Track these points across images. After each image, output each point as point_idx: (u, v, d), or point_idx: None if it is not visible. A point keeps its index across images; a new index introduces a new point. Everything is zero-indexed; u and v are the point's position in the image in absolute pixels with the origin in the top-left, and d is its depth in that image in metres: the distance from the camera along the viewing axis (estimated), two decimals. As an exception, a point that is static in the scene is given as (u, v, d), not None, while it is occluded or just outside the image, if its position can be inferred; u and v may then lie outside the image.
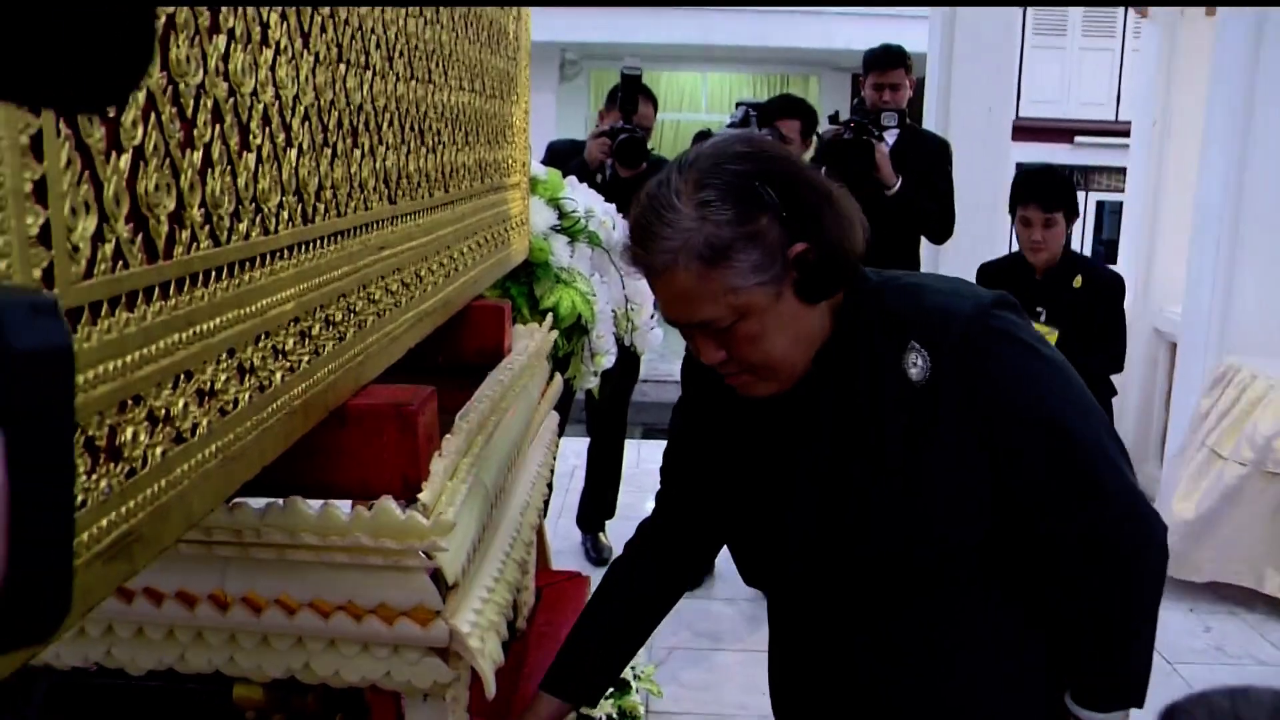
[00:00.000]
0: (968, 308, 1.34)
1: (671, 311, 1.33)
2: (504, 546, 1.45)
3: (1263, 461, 4.25)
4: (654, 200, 1.30)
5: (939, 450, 1.34)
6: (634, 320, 3.07)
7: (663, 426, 9.13)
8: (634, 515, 5.10)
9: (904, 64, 4.27)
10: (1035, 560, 1.45)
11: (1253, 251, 4.65)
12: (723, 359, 1.33)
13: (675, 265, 1.27)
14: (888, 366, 1.35)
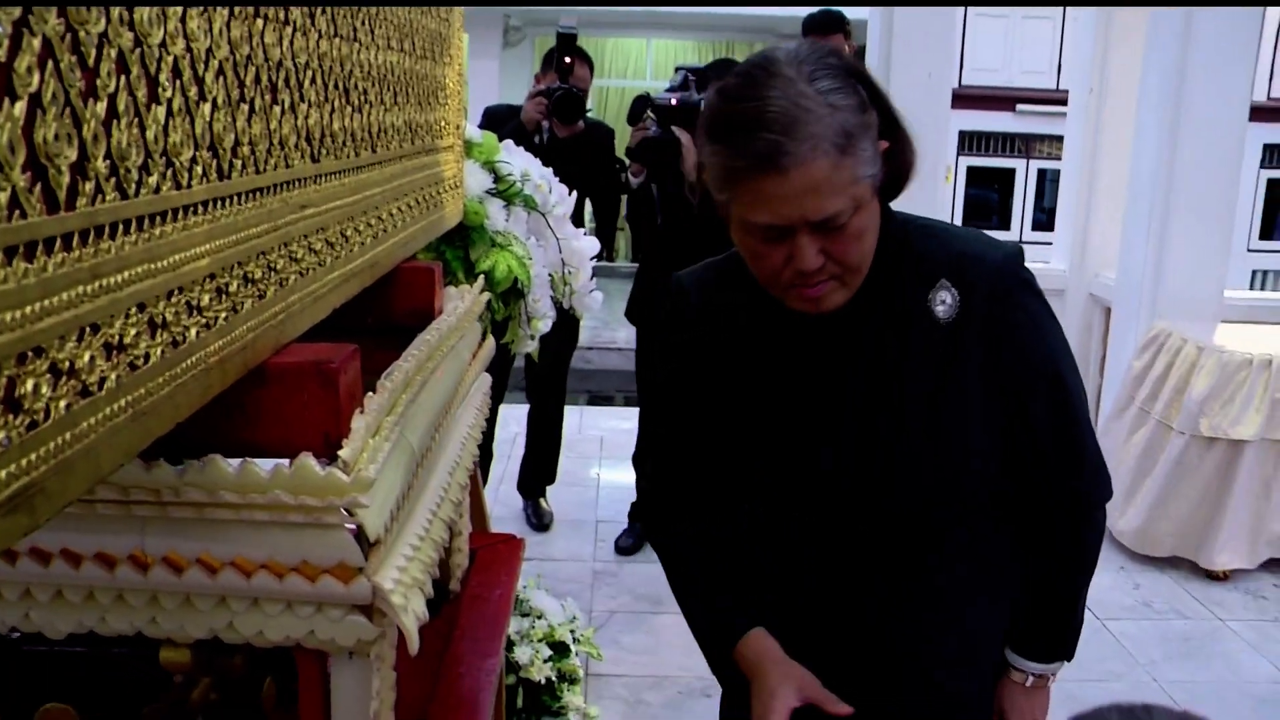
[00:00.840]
0: (999, 255, 1.42)
1: (788, 211, 1.28)
2: (430, 505, 1.45)
3: (1195, 426, 4.34)
4: (774, 87, 1.26)
5: (961, 386, 1.41)
6: (571, 283, 3.07)
7: (607, 393, 9.16)
8: (574, 481, 5.18)
9: (842, 29, 4.31)
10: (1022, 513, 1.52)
11: (1184, 218, 4.73)
12: (821, 263, 1.32)
13: (815, 154, 1.24)
14: (914, 303, 1.41)
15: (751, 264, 1.39)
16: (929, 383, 1.40)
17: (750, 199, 1.30)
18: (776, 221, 1.29)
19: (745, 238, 1.36)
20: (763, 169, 1.25)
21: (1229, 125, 4.69)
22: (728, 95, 1.31)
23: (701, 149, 1.37)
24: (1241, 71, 4.70)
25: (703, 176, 1.39)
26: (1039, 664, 1.60)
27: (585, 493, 5.13)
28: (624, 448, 4.81)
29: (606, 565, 4.34)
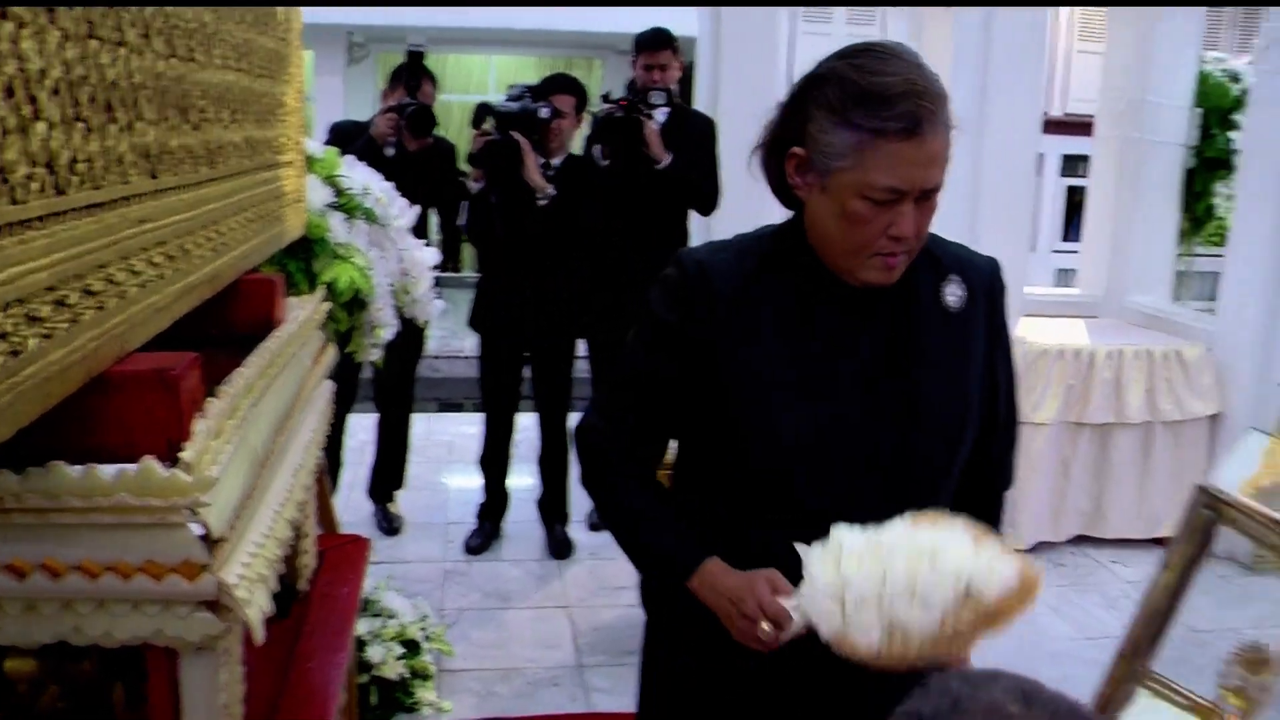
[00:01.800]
0: (991, 263, 1.64)
1: (915, 177, 1.40)
2: (274, 505, 1.47)
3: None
4: (916, 63, 1.42)
5: (969, 365, 1.58)
6: (412, 292, 3.09)
7: (457, 401, 9.06)
8: (423, 485, 5.17)
9: (671, 45, 4.42)
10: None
11: (989, 222, 4.97)
12: (916, 231, 1.44)
13: (945, 129, 1.41)
14: (927, 293, 1.56)
15: (846, 232, 1.46)
16: (945, 364, 1.56)
17: (883, 162, 1.40)
18: (901, 185, 1.40)
19: (855, 203, 1.43)
20: (909, 133, 1.38)
21: (1024, 138, 4.97)
22: (867, 69, 1.42)
23: (821, 120, 1.45)
24: (1033, 90, 4.99)
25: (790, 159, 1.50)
26: None
27: (434, 496, 5.13)
28: (471, 452, 4.84)
29: (456, 565, 4.36)
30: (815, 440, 1.52)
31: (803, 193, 1.51)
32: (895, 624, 1.27)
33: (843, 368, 1.53)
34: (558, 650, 3.72)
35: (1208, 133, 5.80)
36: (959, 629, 1.27)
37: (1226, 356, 4.83)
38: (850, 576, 1.29)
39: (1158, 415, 4.77)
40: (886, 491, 1.53)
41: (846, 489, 1.53)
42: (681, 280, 1.58)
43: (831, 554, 1.33)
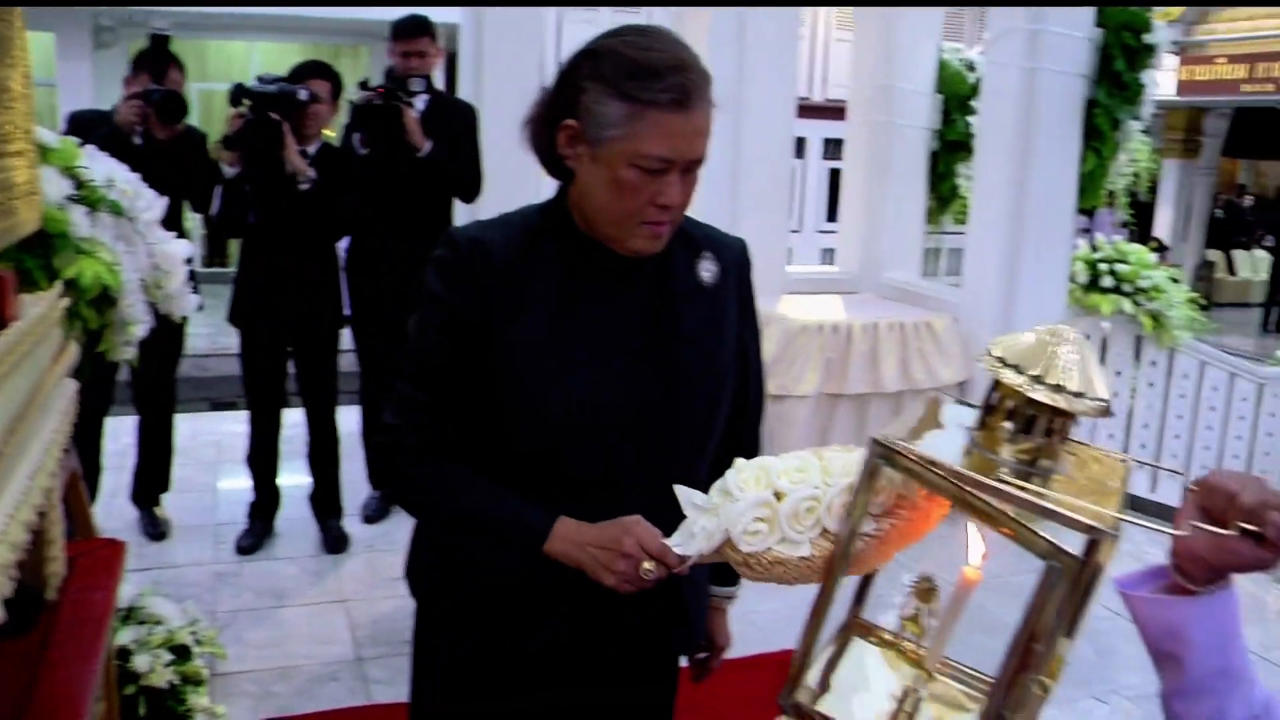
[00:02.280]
0: (740, 243, 1.76)
1: (684, 148, 1.49)
2: (7, 509, 1.41)
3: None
4: (681, 42, 1.52)
5: (723, 335, 1.68)
6: (165, 287, 2.98)
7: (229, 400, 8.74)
8: (191, 487, 4.99)
9: (429, 33, 4.40)
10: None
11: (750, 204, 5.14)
12: (681, 200, 1.53)
13: (709, 103, 1.50)
14: (683, 269, 1.65)
15: (616, 200, 1.52)
16: (702, 335, 1.65)
17: (652, 133, 1.47)
18: (669, 154, 1.48)
19: (625, 171, 1.49)
20: (678, 104, 1.46)
21: (780, 121, 5.15)
22: (638, 45, 1.49)
23: (595, 92, 1.50)
24: (787, 77, 5.18)
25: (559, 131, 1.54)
26: (729, 588, 1.87)
27: (203, 498, 4.95)
28: (241, 451, 4.69)
29: (228, 567, 4.23)
30: (582, 412, 1.56)
31: (574, 163, 1.56)
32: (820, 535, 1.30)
33: (607, 340, 1.60)
34: (335, 645, 3.66)
35: (949, 117, 6.15)
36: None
37: (971, 326, 5.16)
38: (787, 489, 1.32)
39: (911, 384, 5.04)
40: (651, 458, 1.60)
41: (613, 458, 1.59)
42: (456, 258, 1.59)
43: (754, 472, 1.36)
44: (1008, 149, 4.98)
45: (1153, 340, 5.97)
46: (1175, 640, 1.12)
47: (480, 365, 1.58)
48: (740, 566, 1.34)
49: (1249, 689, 1.13)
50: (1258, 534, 1.03)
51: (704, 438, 1.68)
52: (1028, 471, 1.10)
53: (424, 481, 1.64)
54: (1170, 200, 17.46)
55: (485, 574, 1.67)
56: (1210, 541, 1.07)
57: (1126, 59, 5.08)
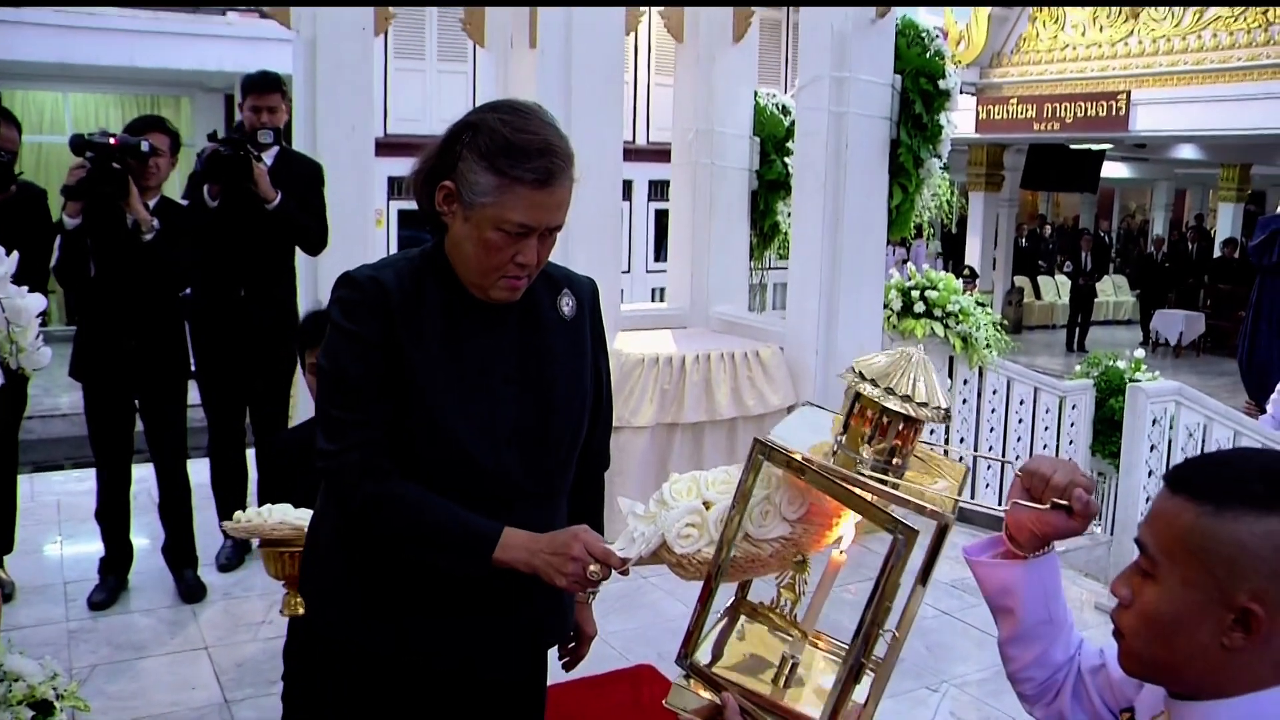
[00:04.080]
0: (589, 281, 1.98)
1: (544, 217, 1.70)
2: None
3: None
4: (551, 124, 1.74)
5: (584, 361, 1.91)
6: (19, 341, 3.00)
7: (56, 461, 8.44)
8: (34, 548, 4.91)
9: (280, 89, 4.53)
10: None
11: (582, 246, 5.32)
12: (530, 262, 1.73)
13: (568, 179, 1.72)
14: (546, 304, 1.87)
15: (481, 256, 1.73)
16: (568, 363, 1.87)
17: (517, 204, 1.68)
18: (530, 223, 1.69)
19: (491, 234, 1.70)
20: (542, 183, 1.68)
21: (609, 165, 5.37)
22: (513, 125, 1.70)
23: (471, 162, 1.71)
24: (614, 120, 5.40)
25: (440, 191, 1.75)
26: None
27: (47, 558, 4.86)
28: (83, 509, 4.64)
29: (82, 623, 4.18)
30: (475, 428, 1.77)
31: (448, 219, 1.78)
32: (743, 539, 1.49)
33: (490, 367, 1.81)
34: (202, 690, 3.68)
35: (767, 158, 6.51)
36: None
37: (796, 353, 5.48)
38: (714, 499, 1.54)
39: (743, 410, 5.33)
40: (532, 468, 1.83)
41: (502, 468, 1.79)
42: (359, 296, 1.76)
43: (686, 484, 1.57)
44: (821, 187, 5.33)
45: (963, 360, 6.41)
46: (1008, 596, 1.45)
47: (391, 386, 1.74)
48: (675, 567, 1.58)
49: (1068, 633, 1.43)
50: (1068, 507, 1.33)
51: (572, 449, 1.92)
52: (885, 467, 1.37)
53: (375, 498, 1.75)
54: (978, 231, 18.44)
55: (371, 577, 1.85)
56: (1033, 515, 1.37)
57: (924, 102, 5.53)
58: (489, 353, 1.81)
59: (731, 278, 6.34)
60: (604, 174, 5.38)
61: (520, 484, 1.82)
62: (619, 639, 4.13)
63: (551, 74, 5.32)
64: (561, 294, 1.90)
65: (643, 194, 16.44)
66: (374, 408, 1.75)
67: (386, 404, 1.75)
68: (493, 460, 1.78)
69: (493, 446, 1.78)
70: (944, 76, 5.66)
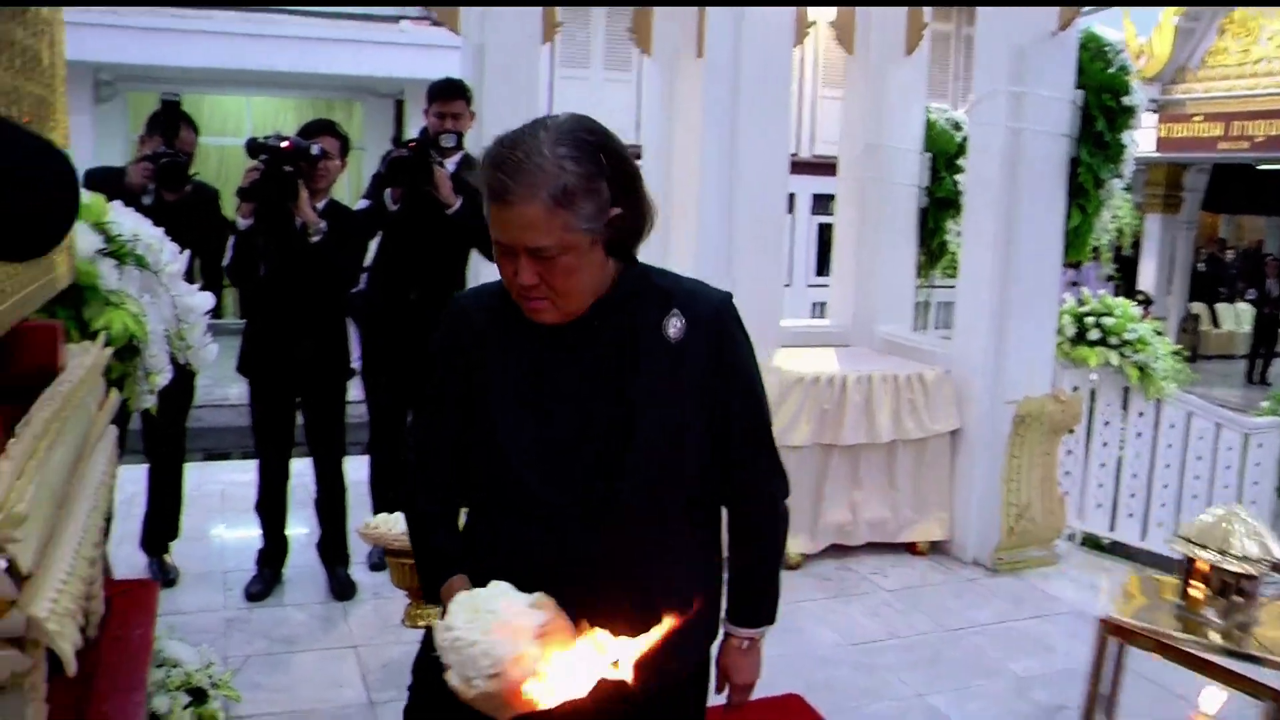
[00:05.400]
0: (719, 296, 1.80)
1: (510, 235, 1.62)
2: (74, 543, 1.50)
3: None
4: (522, 144, 1.59)
5: (683, 391, 1.75)
6: (187, 338, 3.07)
7: (224, 450, 8.77)
8: (198, 535, 5.04)
9: (464, 95, 4.58)
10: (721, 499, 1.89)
11: (745, 259, 5.26)
12: (535, 283, 1.64)
13: (532, 199, 1.57)
14: (651, 325, 1.74)
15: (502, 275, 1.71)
16: (661, 387, 1.73)
17: (492, 220, 1.64)
18: (501, 239, 1.64)
19: (495, 249, 1.68)
20: (494, 199, 1.60)
21: (774, 178, 5.28)
22: (498, 139, 1.64)
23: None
24: (780, 132, 5.32)
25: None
26: (750, 629, 1.96)
27: (210, 546, 5.01)
28: (244, 499, 4.76)
29: (239, 613, 4.28)
30: (532, 450, 1.75)
31: None
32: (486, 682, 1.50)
33: (550, 386, 1.75)
34: (348, 689, 3.72)
35: (937, 175, 6.31)
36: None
37: (962, 377, 5.27)
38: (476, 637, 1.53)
39: (903, 434, 5.15)
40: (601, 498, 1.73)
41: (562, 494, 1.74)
42: (447, 319, 1.85)
43: (466, 608, 1.58)
44: (995, 206, 5.12)
45: (1140, 392, 6.09)
46: None
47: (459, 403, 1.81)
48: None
49: None
50: None
51: (657, 478, 1.77)
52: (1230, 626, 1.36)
53: (408, 502, 1.90)
54: (1154, 254, 17.69)
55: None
56: None
57: (1107, 120, 5.25)
58: (554, 372, 1.76)
59: (897, 296, 6.15)
60: (768, 186, 5.28)
61: (568, 507, 1.74)
62: (766, 665, 4.02)
63: (718, 84, 5.25)
64: (670, 314, 1.76)
65: (805, 207, 16.25)
66: (437, 420, 1.85)
67: (452, 419, 1.82)
68: (538, 480, 1.74)
69: (540, 467, 1.74)
70: (1129, 93, 5.37)
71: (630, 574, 1.76)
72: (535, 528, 1.76)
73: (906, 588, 4.92)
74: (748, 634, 1.97)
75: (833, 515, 5.12)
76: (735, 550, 1.94)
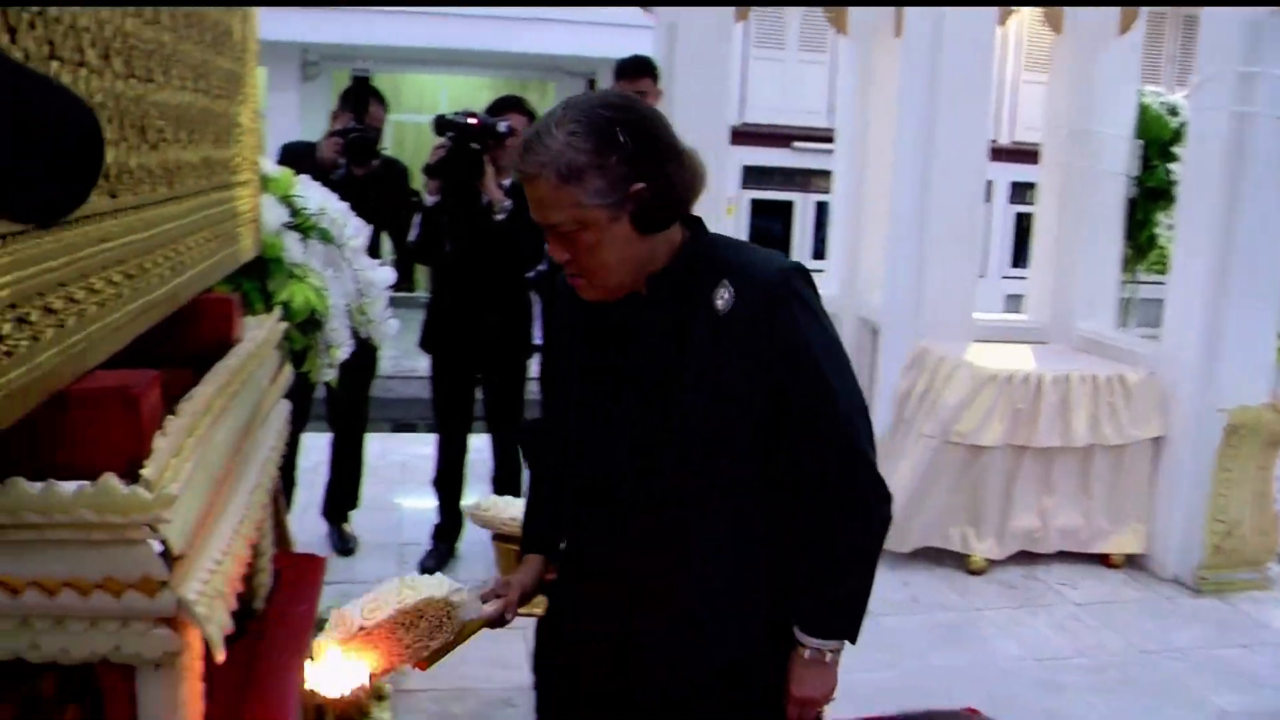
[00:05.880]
0: (776, 267, 1.69)
1: (534, 212, 1.64)
2: (233, 523, 1.48)
3: (947, 433, 4.65)
4: (541, 124, 1.61)
5: (729, 367, 1.66)
6: (368, 312, 3.10)
7: (410, 421, 8.97)
8: (378, 506, 5.11)
9: (651, 73, 4.50)
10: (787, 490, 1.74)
11: (938, 248, 5.06)
12: (567, 259, 1.65)
13: (539, 175, 1.58)
14: (702, 297, 1.68)
15: None
16: (705, 361, 1.67)
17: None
18: (533, 214, 1.64)
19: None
20: (520, 175, 1.62)
21: (972, 164, 5.05)
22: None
23: None
24: (980, 117, 5.08)
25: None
26: (815, 639, 1.76)
27: (388, 517, 5.10)
28: (425, 472, 4.81)
29: (411, 586, 4.34)
30: (593, 430, 1.78)
31: None
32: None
33: (614, 365, 1.75)
34: (513, 670, 3.70)
35: (1148, 163, 5.93)
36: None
37: (1169, 381, 4.93)
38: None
39: (1100, 439, 4.85)
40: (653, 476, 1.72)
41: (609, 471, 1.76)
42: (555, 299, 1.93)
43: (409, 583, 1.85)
44: (1214, 198, 4.74)
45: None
46: None
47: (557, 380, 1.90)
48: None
49: None
50: None
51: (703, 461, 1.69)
52: None
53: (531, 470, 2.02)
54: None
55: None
56: None
57: (1353, 105, 4.80)
58: (610, 349, 1.76)
59: (1099, 292, 5.80)
60: (966, 173, 5.05)
61: (615, 485, 1.75)
62: (944, 675, 3.84)
63: (916, 65, 5.04)
64: (721, 284, 1.68)
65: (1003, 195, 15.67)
66: (547, 398, 2.02)
67: (555, 396, 1.91)
68: (591, 458, 1.79)
69: (593, 444, 1.78)
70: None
71: (669, 554, 1.73)
72: (591, 506, 1.81)
73: (1097, 602, 4.63)
74: (813, 643, 1.75)
75: (1021, 520, 4.86)
76: (803, 547, 1.75)
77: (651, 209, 1.63)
